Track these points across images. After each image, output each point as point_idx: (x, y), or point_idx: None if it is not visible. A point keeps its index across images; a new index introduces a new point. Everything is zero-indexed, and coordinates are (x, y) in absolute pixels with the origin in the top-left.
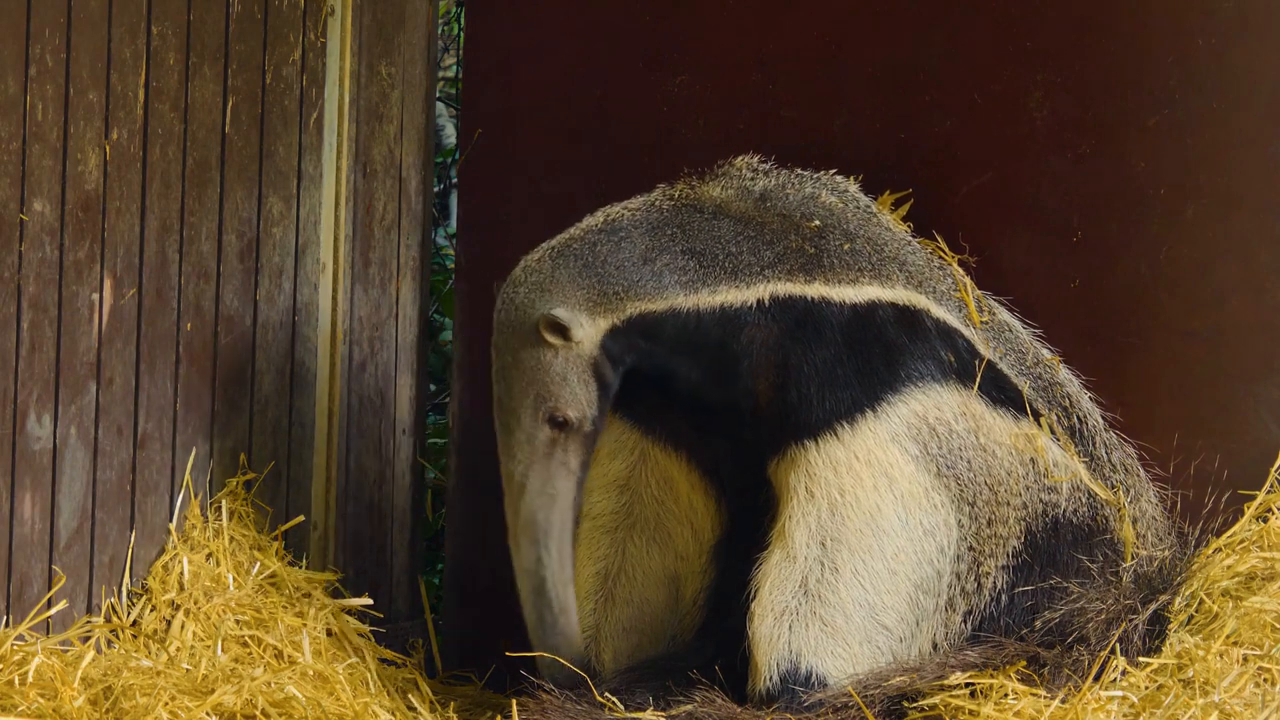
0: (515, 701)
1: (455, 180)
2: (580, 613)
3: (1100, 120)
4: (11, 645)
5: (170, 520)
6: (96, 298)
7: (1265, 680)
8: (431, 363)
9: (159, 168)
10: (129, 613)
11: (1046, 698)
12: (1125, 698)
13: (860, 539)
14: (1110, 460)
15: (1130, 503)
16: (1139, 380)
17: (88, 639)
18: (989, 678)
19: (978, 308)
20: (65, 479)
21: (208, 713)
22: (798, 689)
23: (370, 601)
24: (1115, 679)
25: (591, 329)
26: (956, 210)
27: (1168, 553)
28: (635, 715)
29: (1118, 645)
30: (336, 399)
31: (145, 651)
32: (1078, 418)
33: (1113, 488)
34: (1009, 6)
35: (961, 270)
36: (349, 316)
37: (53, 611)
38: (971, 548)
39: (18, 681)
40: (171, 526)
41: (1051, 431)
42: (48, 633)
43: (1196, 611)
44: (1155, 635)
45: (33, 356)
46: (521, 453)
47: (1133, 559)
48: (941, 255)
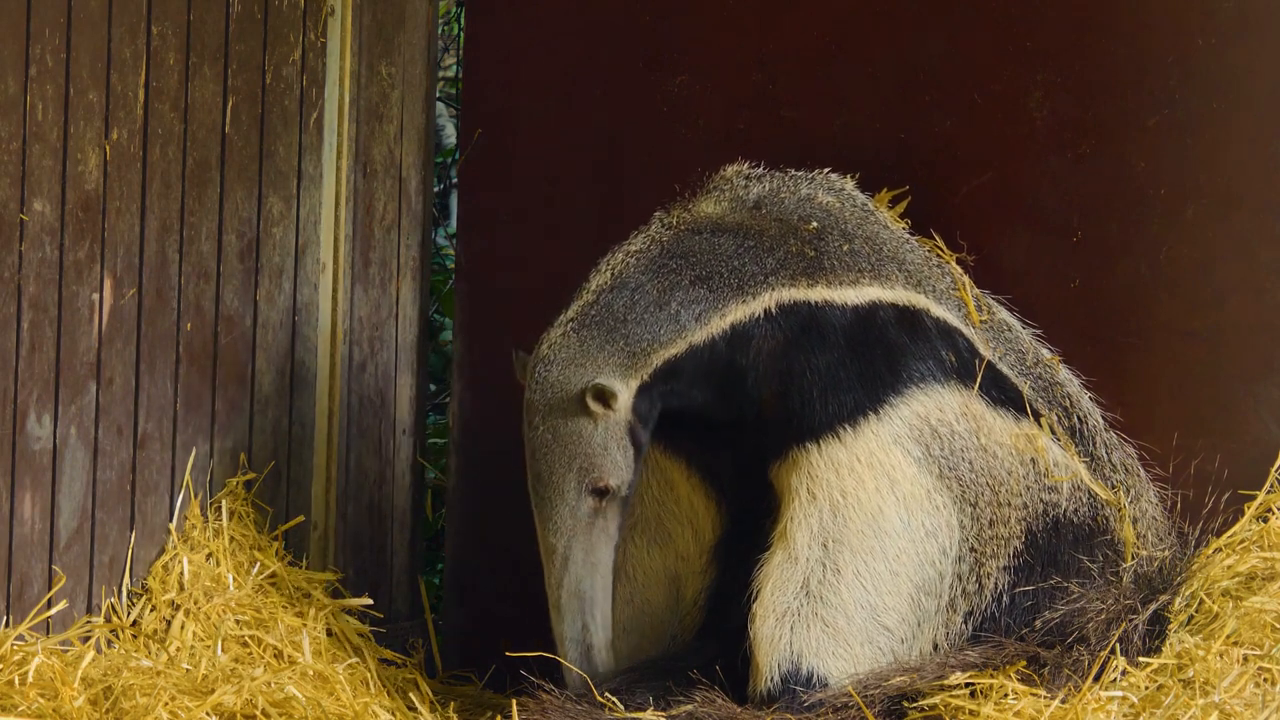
0: (515, 701)
1: (455, 180)
2: None
3: (1100, 120)
4: (11, 645)
5: (170, 520)
6: (96, 298)
7: (1265, 680)
8: (431, 363)
9: (159, 168)
10: (129, 613)
11: (1046, 698)
12: (1125, 698)
13: (862, 540)
14: (1110, 460)
15: (1130, 503)
16: (1139, 380)
17: (88, 639)
18: (989, 678)
19: (977, 306)
20: (65, 479)
21: (208, 713)
22: (799, 689)
23: (370, 601)
24: (1115, 679)
25: (626, 392)
26: (956, 210)
27: (1168, 553)
28: (635, 715)
29: (1118, 645)
30: (336, 399)
31: (145, 651)
32: (1078, 418)
33: (1113, 488)
34: (1009, 6)
35: (960, 269)
36: (349, 316)
37: (53, 611)
38: (973, 549)
39: (18, 681)
40: (171, 526)
41: (1052, 431)
42: (48, 633)
43: (1197, 611)
44: (1155, 635)
45: (33, 356)
46: (565, 526)
47: (1133, 559)
48: (939, 254)
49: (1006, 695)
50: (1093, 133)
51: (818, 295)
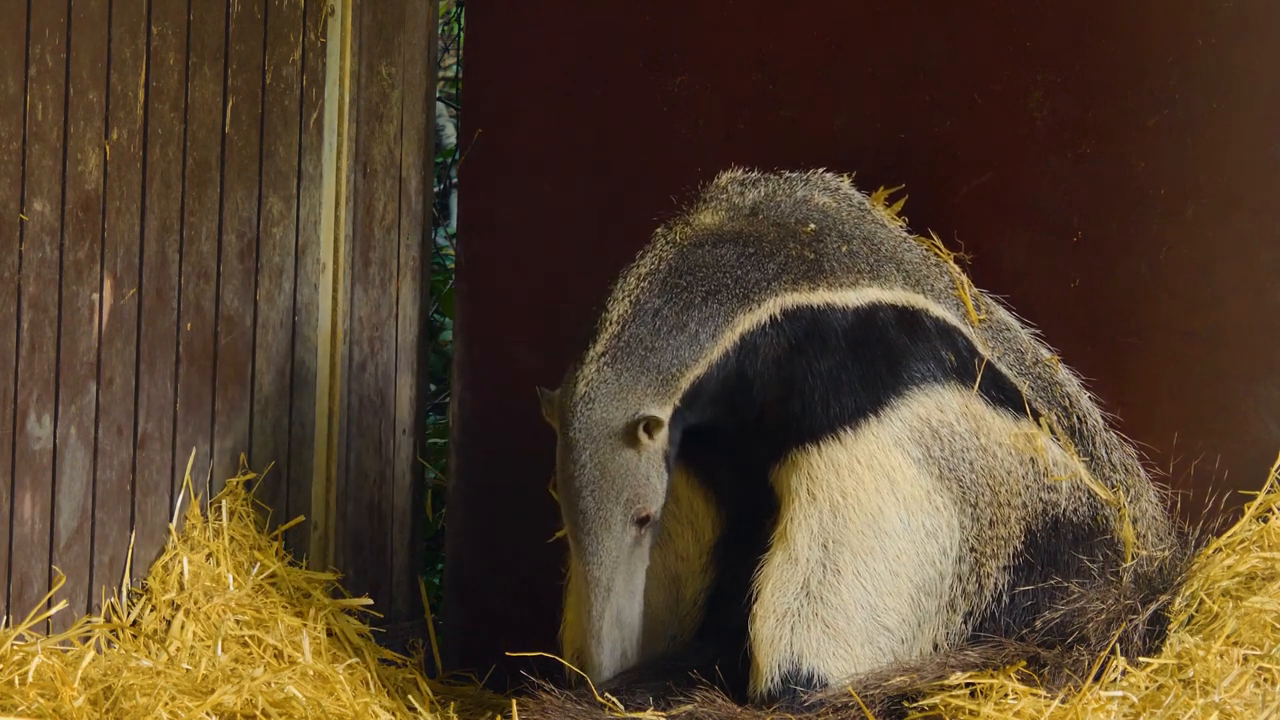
0: (515, 701)
1: (455, 180)
2: (580, 613)
3: (1100, 120)
4: (11, 645)
5: (170, 520)
6: (96, 298)
7: (1265, 680)
8: (431, 363)
9: (159, 168)
10: (129, 613)
11: (1046, 698)
12: (1125, 698)
13: (862, 541)
14: (1110, 460)
15: (1130, 502)
16: (1139, 380)
17: (88, 639)
18: (989, 678)
19: (975, 306)
20: (65, 479)
21: (208, 713)
22: (799, 690)
23: (370, 601)
24: (1115, 679)
25: (665, 419)
26: (956, 210)
27: (1168, 553)
28: (635, 715)
29: (1118, 645)
30: (336, 399)
31: (145, 651)
32: (1077, 417)
33: (1113, 487)
34: (1009, 6)
35: (958, 268)
36: (349, 316)
37: (53, 611)
38: (973, 549)
39: (18, 681)
40: (171, 526)
41: (1051, 431)
42: (48, 633)
43: (1197, 611)
44: (1155, 635)
45: (33, 356)
46: (609, 558)
47: (1133, 559)
48: (937, 253)
49: (1006, 695)
50: (1093, 133)
51: (819, 299)
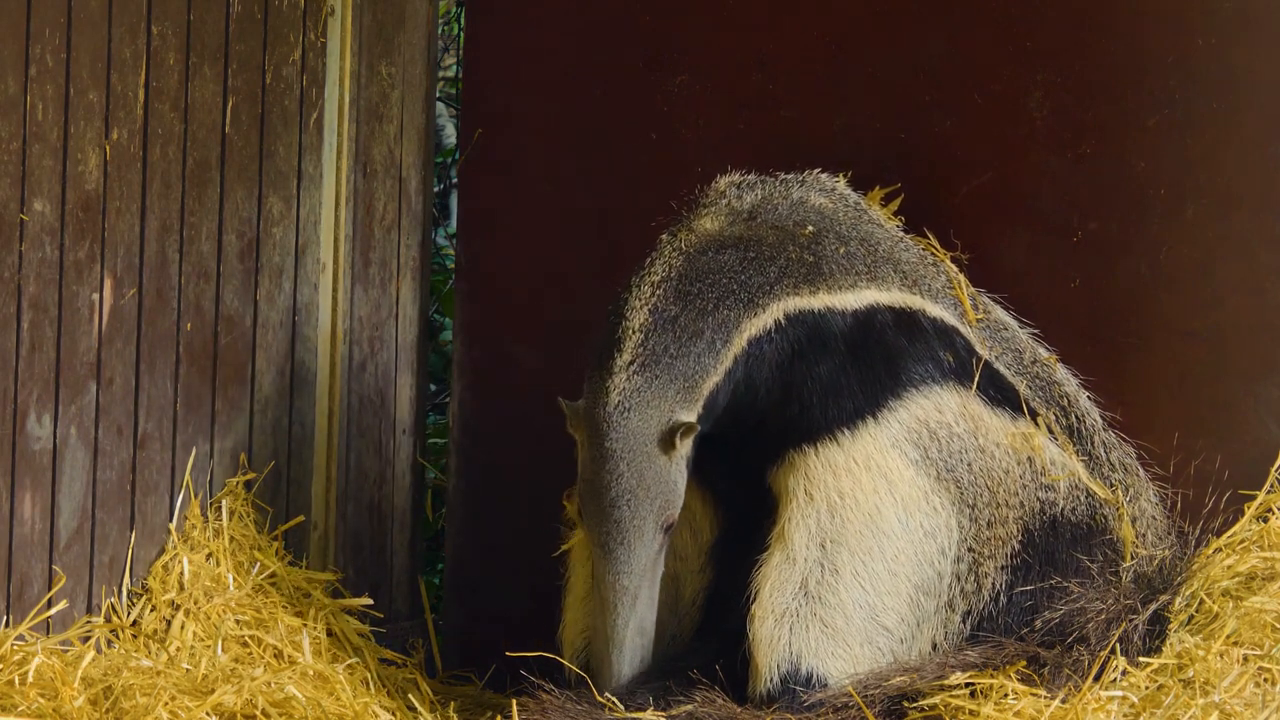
0: (515, 701)
1: (455, 180)
2: (579, 613)
3: (1100, 120)
4: (11, 645)
5: (170, 520)
6: (96, 298)
7: (1265, 680)
8: (431, 363)
9: (159, 168)
10: (129, 613)
11: (1046, 698)
12: (1125, 698)
13: (860, 540)
14: (1109, 459)
15: (1129, 502)
16: (1139, 380)
17: (88, 639)
18: (989, 678)
19: (973, 305)
20: (65, 479)
21: (208, 713)
22: (798, 690)
23: (370, 601)
24: (1115, 679)
25: (697, 424)
26: (956, 210)
27: (1168, 552)
28: (635, 715)
29: (1118, 645)
30: (336, 399)
31: (145, 651)
32: (1076, 416)
33: (1111, 487)
34: (1009, 6)
35: (955, 267)
36: (349, 316)
37: (53, 611)
38: (971, 549)
39: (18, 681)
40: (171, 526)
41: (1049, 430)
42: (48, 633)
43: (1197, 611)
44: (1155, 635)
45: (33, 356)
46: (639, 567)
47: (1132, 558)
48: (934, 252)
49: (1006, 695)
50: (1093, 133)
51: (819, 302)
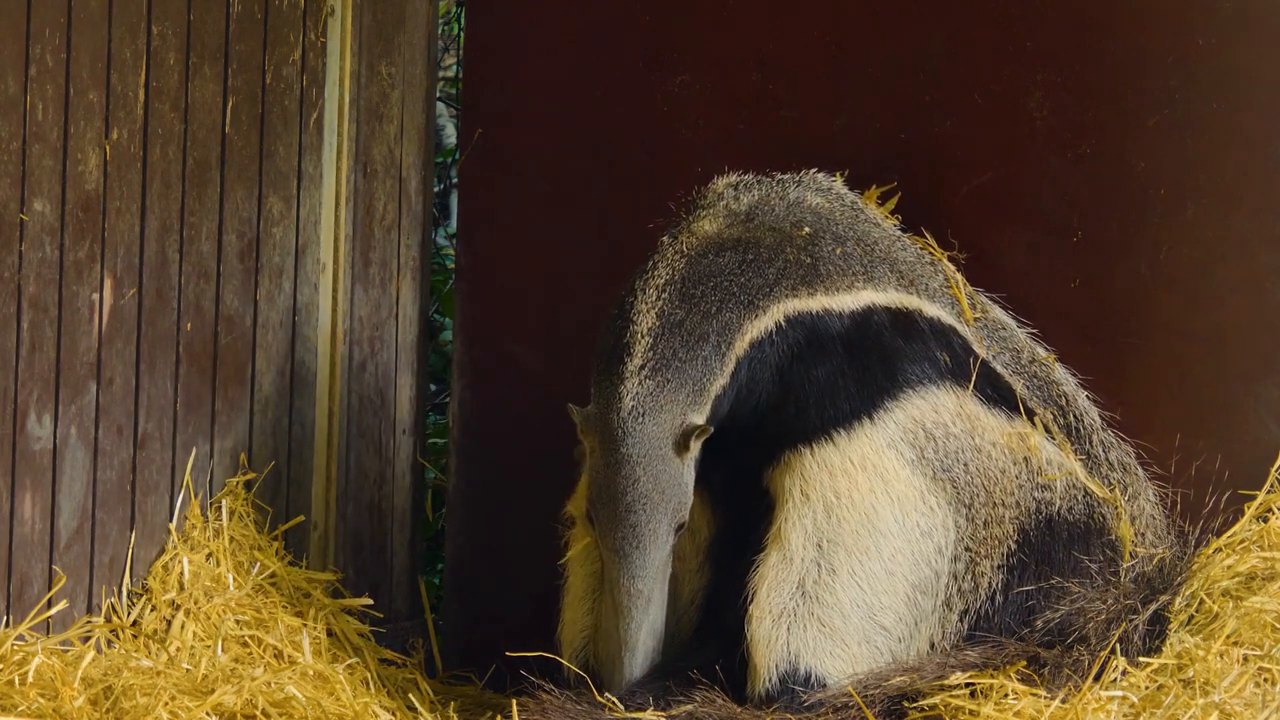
0: (515, 701)
1: (455, 180)
2: (578, 613)
3: (1100, 120)
4: (11, 645)
5: (170, 520)
6: (96, 298)
7: (1265, 680)
8: (431, 363)
9: (159, 168)
10: (129, 613)
11: (1046, 698)
12: (1125, 698)
13: (856, 540)
14: (1108, 459)
15: (1128, 501)
16: (1139, 380)
17: (88, 639)
18: (989, 678)
19: (970, 304)
20: (65, 479)
21: (208, 713)
22: (798, 689)
23: (370, 601)
24: (1115, 679)
25: (709, 426)
26: (956, 210)
27: (1167, 552)
28: (635, 715)
29: (1118, 645)
30: (336, 399)
31: (145, 651)
32: (1074, 416)
33: (1110, 486)
34: (1009, 6)
35: (952, 266)
36: (349, 316)
37: (53, 611)
38: (968, 548)
39: (18, 681)
40: (171, 526)
41: (1047, 430)
42: (48, 633)
43: (1197, 611)
44: (1155, 635)
45: (33, 356)
46: (653, 570)
47: (1131, 557)
48: (931, 251)
49: (1006, 695)
50: (1093, 133)
51: (818, 304)
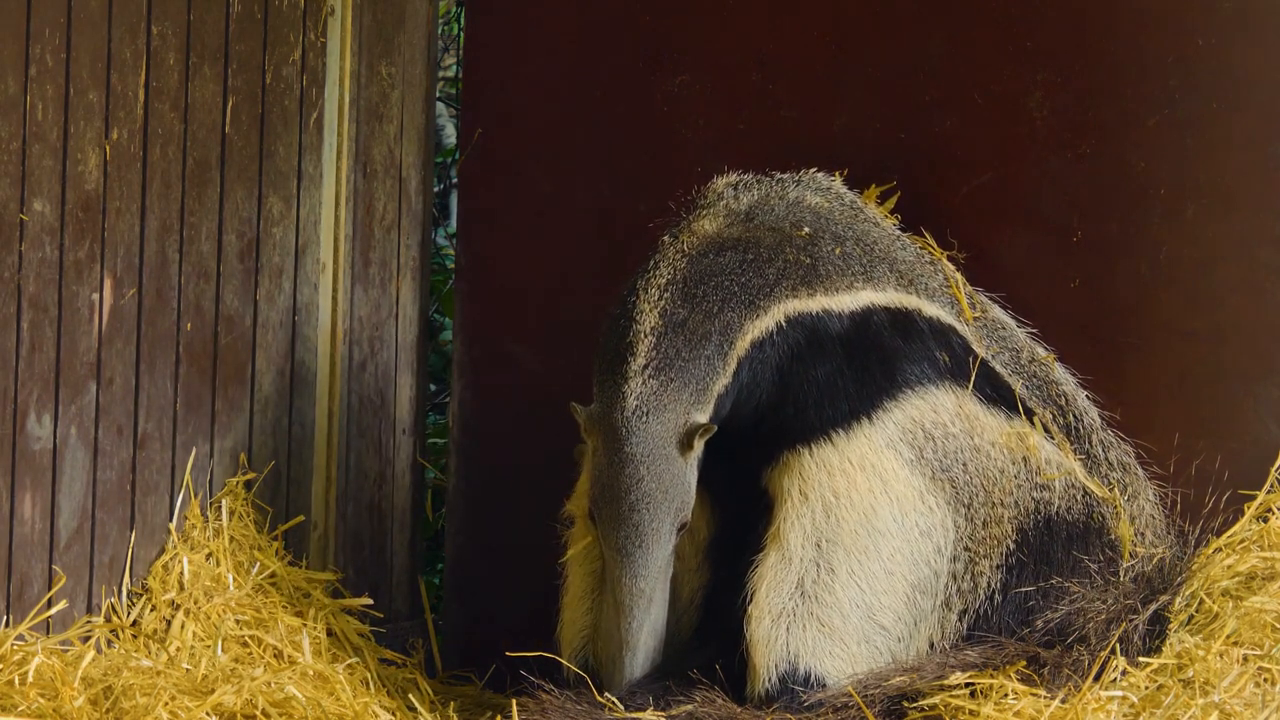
0: (515, 701)
1: (455, 180)
2: (577, 613)
3: (1100, 120)
4: (11, 645)
5: (170, 520)
6: (96, 298)
7: (1265, 680)
8: (431, 363)
9: (159, 168)
10: (129, 613)
11: (1046, 698)
12: (1125, 698)
13: (855, 540)
14: (1107, 458)
15: (1128, 501)
16: (1139, 380)
17: (88, 639)
18: (989, 678)
19: (970, 304)
20: (65, 479)
21: (208, 713)
22: (797, 689)
23: (370, 601)
24: (1115, 679)
25: (713, 425)
26: (956, 210)
27: (1167, 551)
28: (635, 715)
29: (1118, 645)
30: (336, 399)
31: (145, 651)
32: (1073, 416)
33: (1110, 486)
34: (1009, 6)
35: (952, 266)
36: (349, 316)
37: (53, 611)
38: (967, 548)
39: (18, 681)
40: (171, 526)
41: (1046, 429)
42: (48, 633)
43: (1197, 611)
44: (1155, 635)
45: (33, 356)
46: (655, 570)
47: (1131, 557)
48: (930, 251)
49: (1006, 695)
50: (1093, 133)
51: (817, 305)
